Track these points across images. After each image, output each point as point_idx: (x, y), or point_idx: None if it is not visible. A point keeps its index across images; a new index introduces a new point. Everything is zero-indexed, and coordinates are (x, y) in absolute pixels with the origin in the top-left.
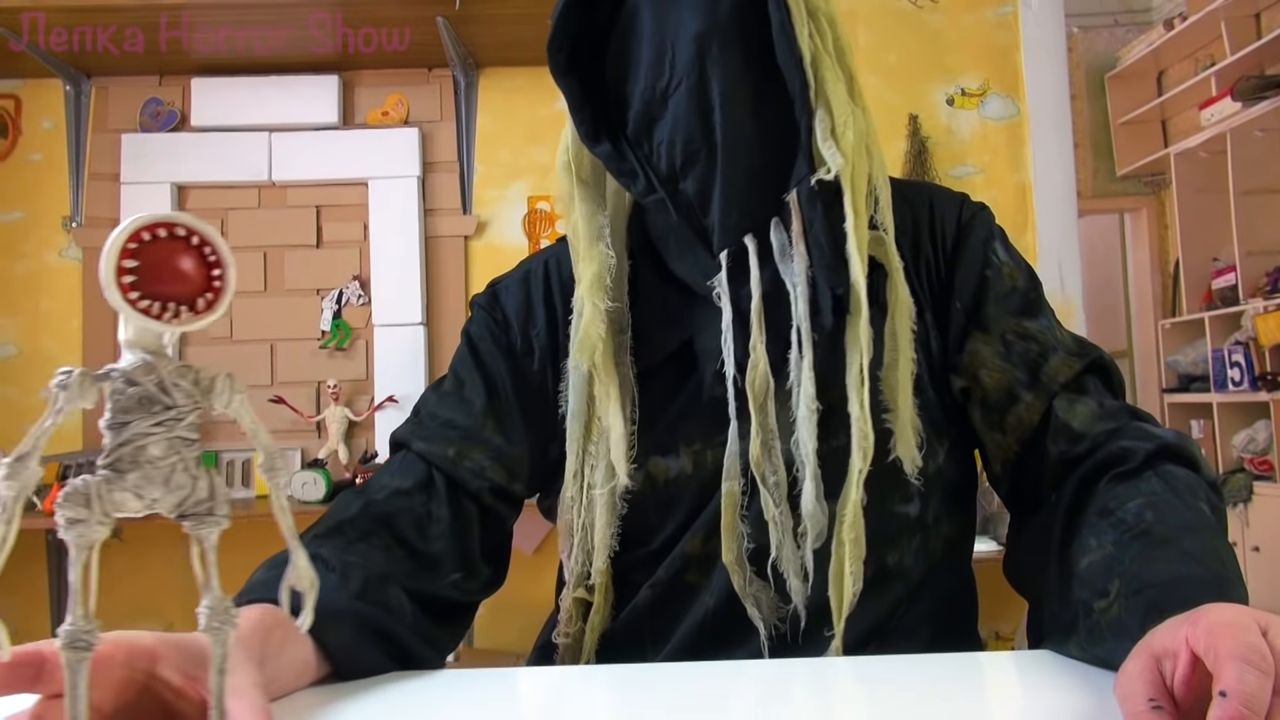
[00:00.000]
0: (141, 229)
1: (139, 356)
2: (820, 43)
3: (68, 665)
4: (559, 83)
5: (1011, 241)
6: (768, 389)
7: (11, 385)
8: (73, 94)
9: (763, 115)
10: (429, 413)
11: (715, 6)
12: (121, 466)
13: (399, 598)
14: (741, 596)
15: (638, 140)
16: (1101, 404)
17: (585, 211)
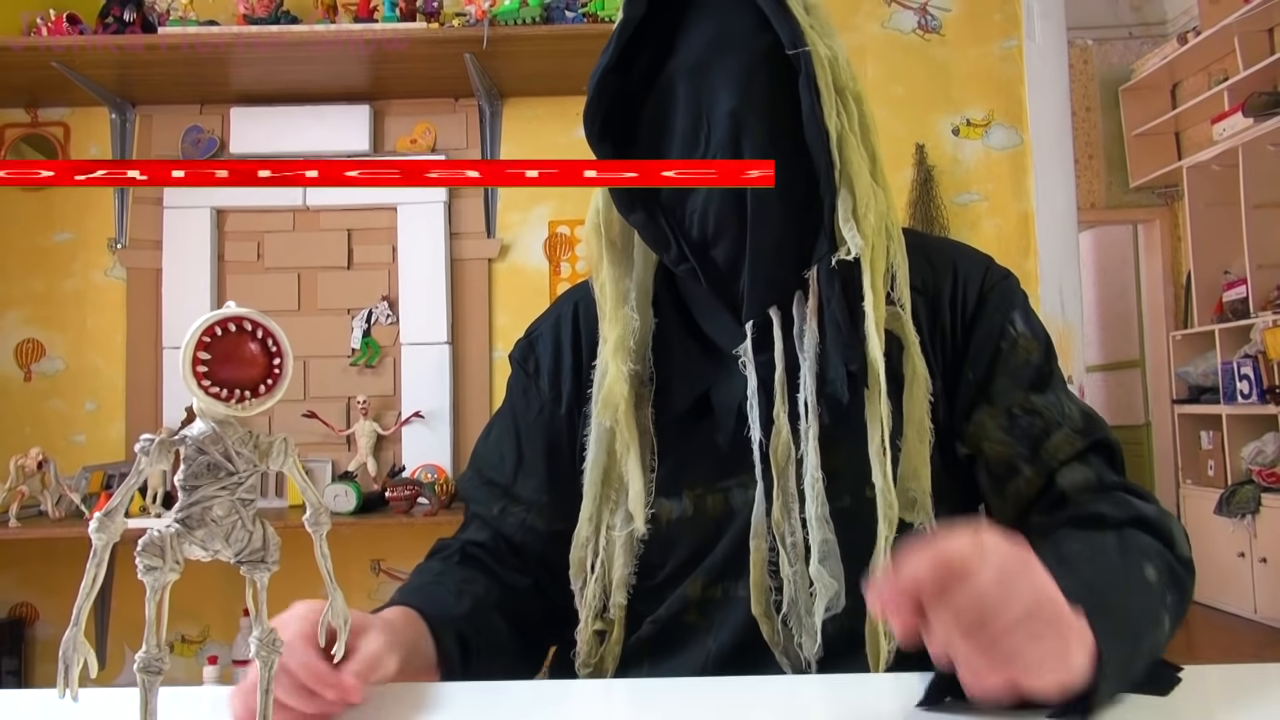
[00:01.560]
0: (215, 323)
1: (209, 425)
2: (846, 122)
3: (141, 685)
4: (594, 148)
5: (1019, 265)
6: (789, 456)
7: (59, 398)
8: (118, 122)
9: (790, 191)
10: (477, 469)
11: (749, 84)
12: (191, 523)
13: (496, 622)
14: (772, 645)
15: (671, 206)
16: (1100, 478)
17: (613, 275)
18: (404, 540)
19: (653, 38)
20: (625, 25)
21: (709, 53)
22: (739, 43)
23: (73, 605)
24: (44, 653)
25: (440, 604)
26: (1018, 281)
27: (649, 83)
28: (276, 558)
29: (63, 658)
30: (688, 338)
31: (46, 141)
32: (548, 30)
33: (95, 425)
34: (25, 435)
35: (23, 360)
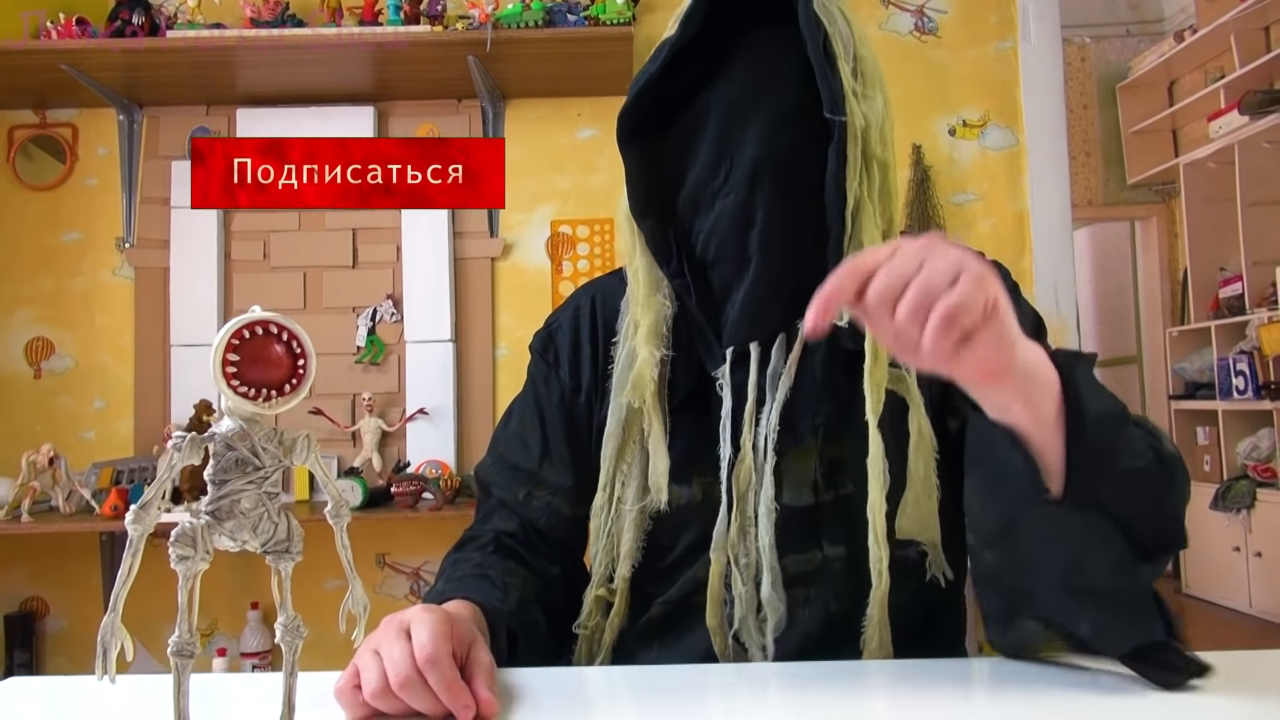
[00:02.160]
0: (243, 327)
1: (236, 423)
2: (866, 190)
3: (175, 669)
4: (622, 149)
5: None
6: (749, 482)
7: (69, 395)
8: (126, 123)
9: (797, 241)
10: (500, 454)
11: (775, 138)
12: (220, 515)
13: (537, 615)
14: (720, 657)
15: (681, 215)
16: None
17: (646, 263)
18: (409, 535)
19: (700, 55)
20: (678, 41)
21: (748, 94)
22: (778, 92)
23: (83, 599)
24: (54, 645)
25: (490, 597)
26: (1008, 272)
27: (688, 96)
28: (300, 548)
29: (101, 642)
30: (694, 332)
31: (55, 142)
32: (550, 33)
33: (104, 422)
34: (36, 432)
35: (33, 358)
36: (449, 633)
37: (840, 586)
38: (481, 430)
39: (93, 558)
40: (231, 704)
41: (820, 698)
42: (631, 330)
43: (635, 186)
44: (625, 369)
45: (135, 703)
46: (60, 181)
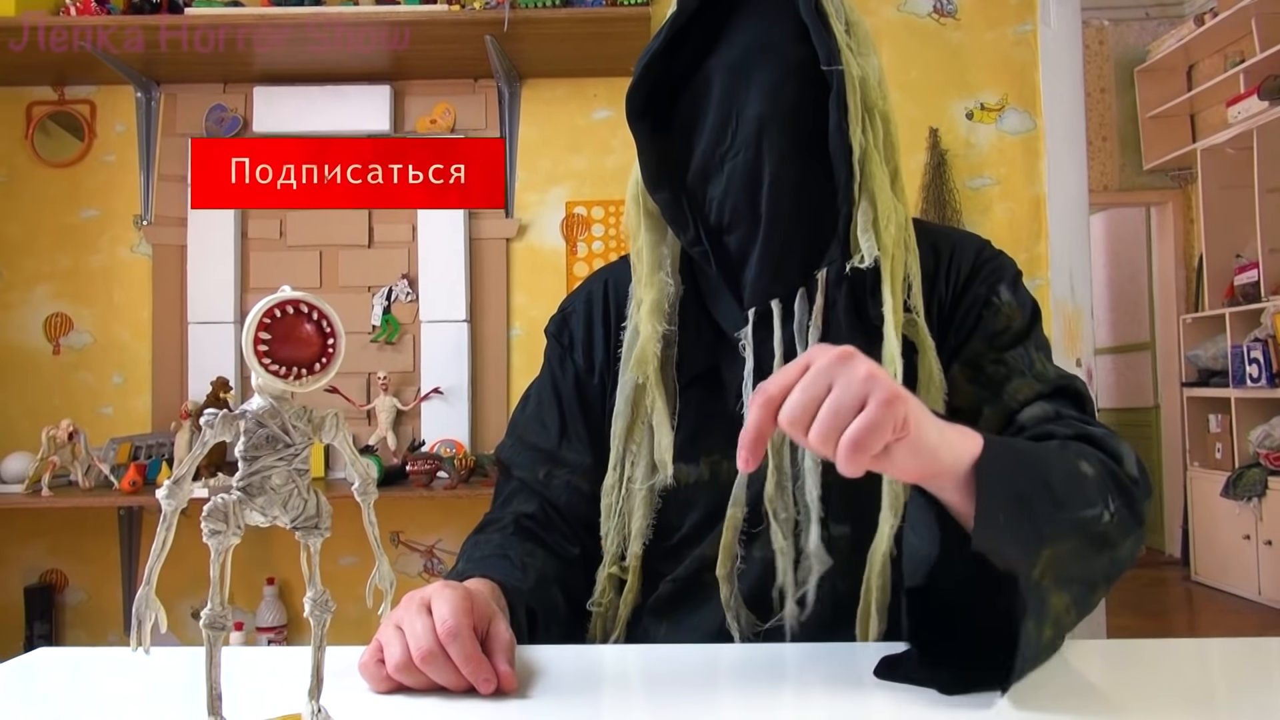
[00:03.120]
0: (274, 306)
1: (267, 401)
2: (871, 139)
3: (207, 641)
4: (631, 126)
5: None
6: (783, 437)
7: (88, 371)
8: (143, 100)
9: (806, 194)
10: (519, 436)
11: (779, 92)
12: (251, 491)
13: (556, 595)
14: (725, 608)
15: (693, 189)
16: (1058, 412)
17: (650, 240)
18: (423, 513)
19: (700, 30)
20: (678, 16)
21: (748, 56)
22: (777, 51)
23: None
24: (73, 617)
25: (509, 576)
26: (1013, 262)
27: (690, 73)
28: (329, 524)
29: (136, 614)
30: (701, 313)
31: (73, 119)
32: (567, 13)
33: (122, 398)
34: (55, 407)
35: (51, 334)
36: (469, 608)
37: (845, 566)
38: (495, 410)
39: (111, 531)
40: (253, 677)
41: (833, 678)
42: (635, 308)
43: (647, 161)
44: (630, 347)
45: (161, 673)
46: (79, 158)
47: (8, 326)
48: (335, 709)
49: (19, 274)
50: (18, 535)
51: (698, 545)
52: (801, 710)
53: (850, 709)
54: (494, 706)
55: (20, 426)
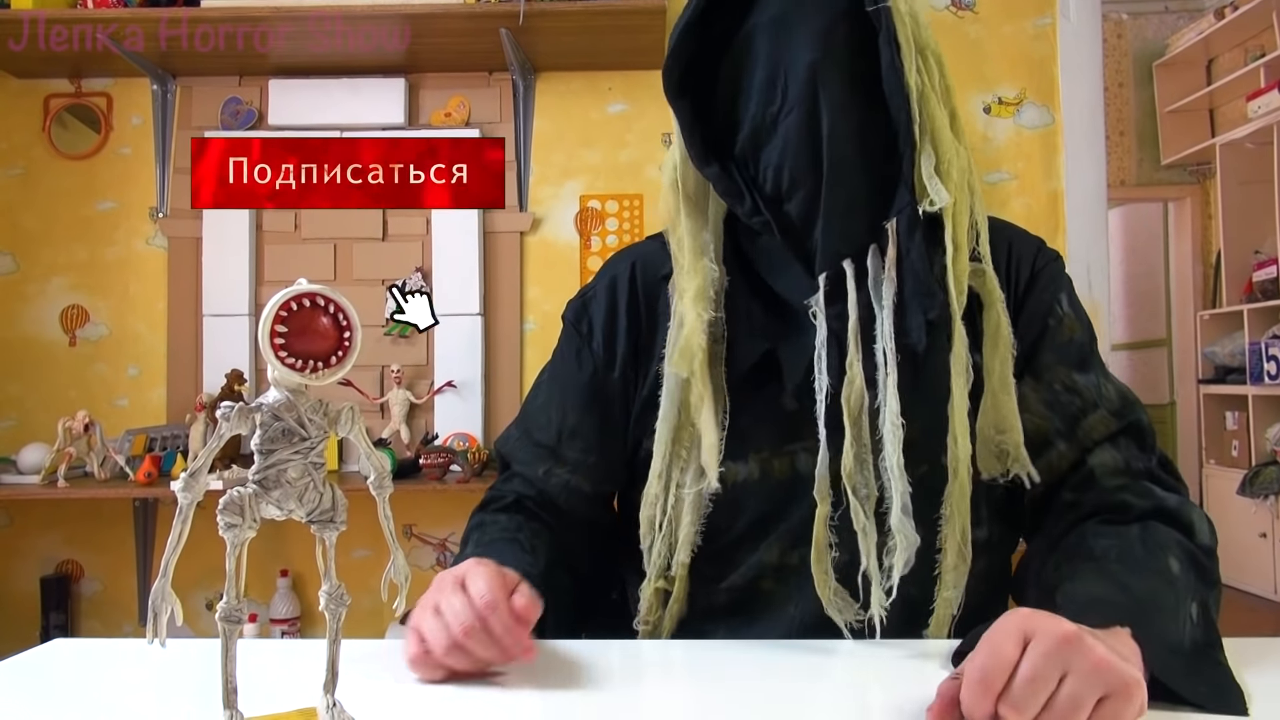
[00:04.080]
0: (291, 299)
1: (283, 394)
2: (927, 79)
3: (223, 634)
4: (672, 104)
5: (1052, 245)
6: (862, 405)
7: (103, 363)
8: (159, 93)
9: (867, 145)
10: (525, 429)
11: (829, 37)
12: (267, 484)
13: (564, 578)
14: (826, 605)
15: (744, 161)
16: (1128, 462)
17: (691, 228)
18: (436, 506)
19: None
20: None
21: (789, 6)
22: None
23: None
24: (89, 608)
25: (522, 562)
26: (1064, 265)
27: (727, 42)
28: (344, 518)
29: (152, 607)
30: (752, 298)
31: (90, 112)
32: (582, 6)
33: (137, 390)
34: (70, 399)
35: (67, 325)
36: (503, 582)
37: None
38: (509, 404)
39: (126, 523)
40: (267, 669)
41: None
42: (678, 298)
43: (693, 136)
44: (674, 341)
45: (176, 665)
46: (95, 151)
47: (25, 318)
48: (350, 702)
49: (36, 265)
50: (34, 526)
51: (753, 550)
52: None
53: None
54: (507, 696)
55: (36, 418)
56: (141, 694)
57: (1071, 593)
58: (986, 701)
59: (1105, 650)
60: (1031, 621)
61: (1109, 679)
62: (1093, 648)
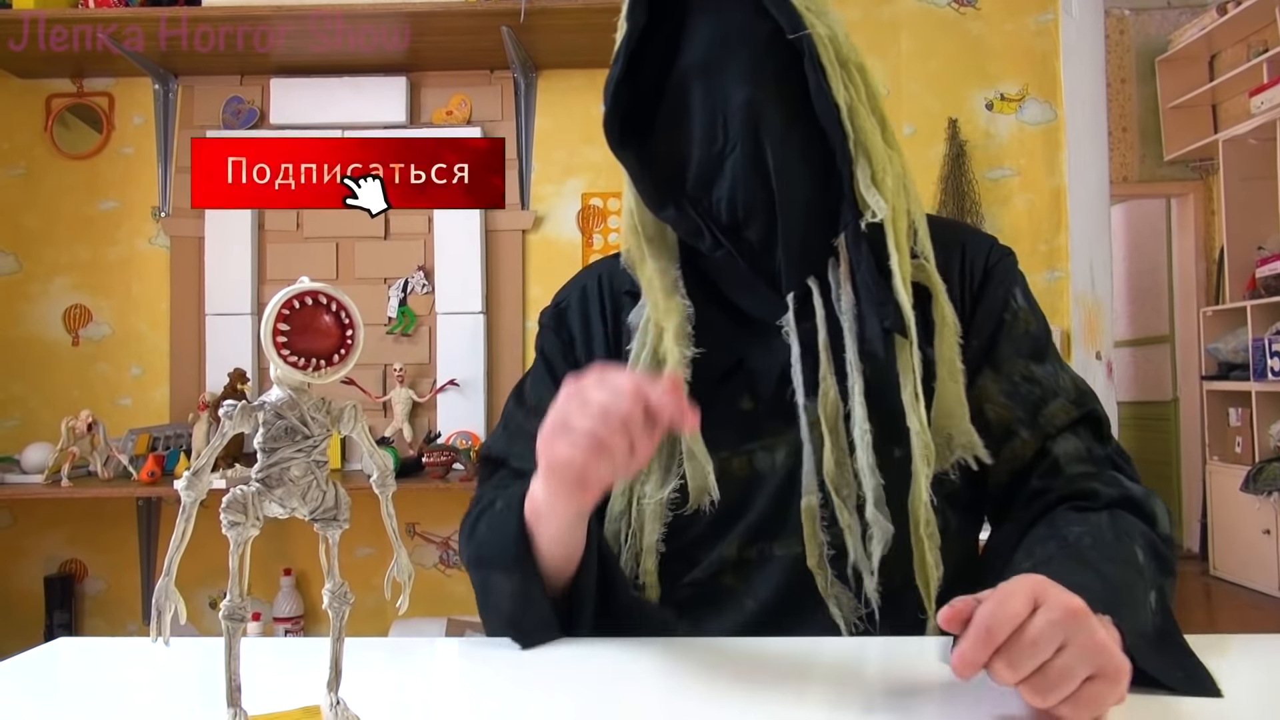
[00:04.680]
0: (293, 297)
1: (286, 393)
2: (854, 93)
3: (226, 632)
4: (618, 156)
5: (1050, 240)
6: (838, 413)
7: (106, 362)
8: (161, 92)
9: (811, 166)
10: (518, 427)
11: (757, 74)
12: (270, 483)
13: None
14: (825, 597)
15: (697, 197)
16: (1089, 450)
17: (658, 267)
18: (439, 504)
19: (658, 42)
20: (630, 34)
21: (716, 49)
22: (743, 35)
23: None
24: (93, 607)
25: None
26: (1016, 260)
27: (660, 85)
28: (347, 516)
29: (155, 605)
30: (717, 313)
31: (92, 111)
32: (583, 4)
33: (140, 389)
34: (74, 398)
35: (71, 325)
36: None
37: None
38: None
39: (130, 522)
40: (272, 667)
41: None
42: (657, 336)
43: (644, 184)
44: (650, 369)
45: (179, 664)
46: (97, 150)
47: (28, 318)
48: (353, 700)
49: (39, 265)
50: (38, 525)
51: (713, 548)
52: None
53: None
54: (508, 696)
55: (40, 417)
56: (146, 693)
57: (1054, 578)
58: (985, 650)
59: (1105, 633)
60: (1043, 587)
61: (1102, 660)
62: (1095, 628)
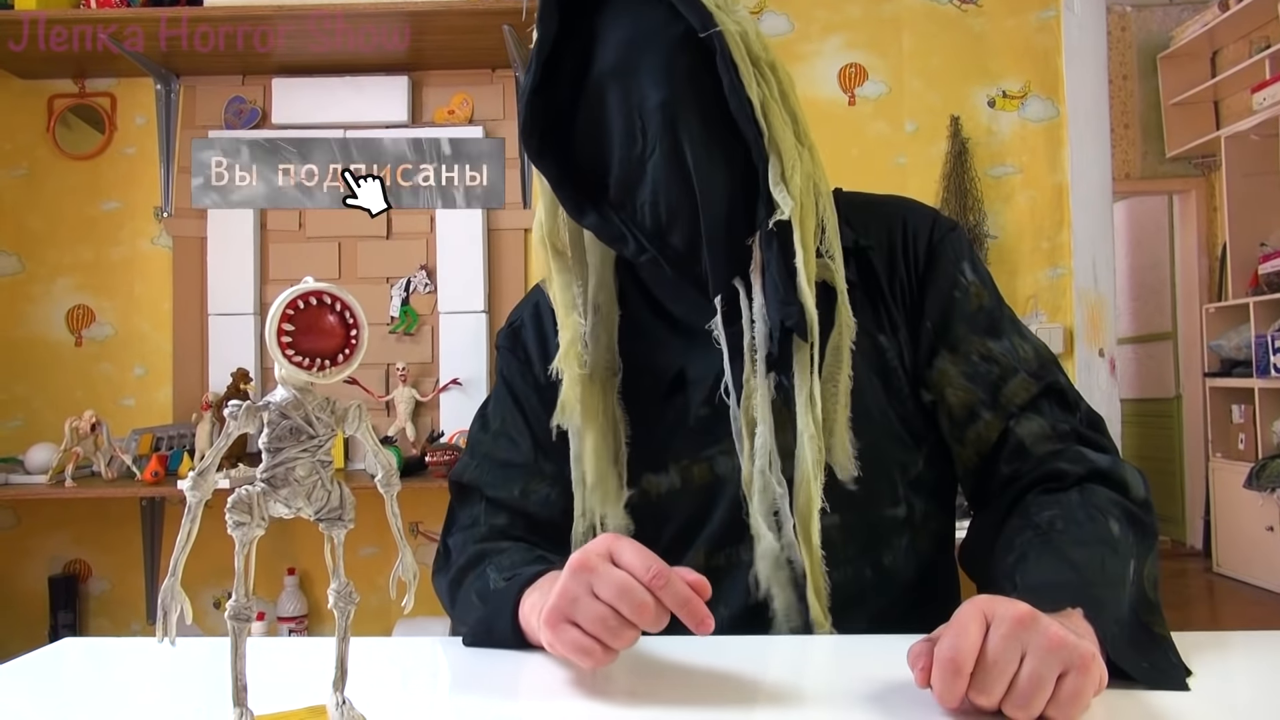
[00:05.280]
0: (298, 297)
1: (290, 393)
2: (767, 90)
3: (232, 632)
4: (536, 165)
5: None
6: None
7: (109, 362)
8: (163, 93)
9: (731, 165)
10: (485, 454)
11: (671, 75)
12: (275, 483)
13: None
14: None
15: (620, 203)
16: (1054, 426)
17: (561, 282)
18: (443, 504)
19: (571, 49)
20: (542, 44)
21: (629, 52)
22: (655, 37)
23: (124, 562)
24: (97, 607)
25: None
26: (964, 231)
27: (576, 93)
28: (352, 515)
29: (161, 605)
30: (656, 321)
31: (94, 112)
32: None
33: (143, 389)
34: (77, 399)
35: (74, 326)
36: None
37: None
38: None
39: (133, 522)
40: (276, 667)
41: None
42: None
43: (564, 190)
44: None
45: (184, 663)
46: (99, 151)
47: (31, 319)
48: (358, 700)
49: (41, 266)
50: (42, 525)
51: (680, 557)
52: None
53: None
54: (515, 698)
55: (43, 418)
56: (152, 692)
57: (1025, 577)
58: (959, 683)
59: (1060, 629)
60: (990, 605)
61: (1066, 655)
62: (1048, 626)
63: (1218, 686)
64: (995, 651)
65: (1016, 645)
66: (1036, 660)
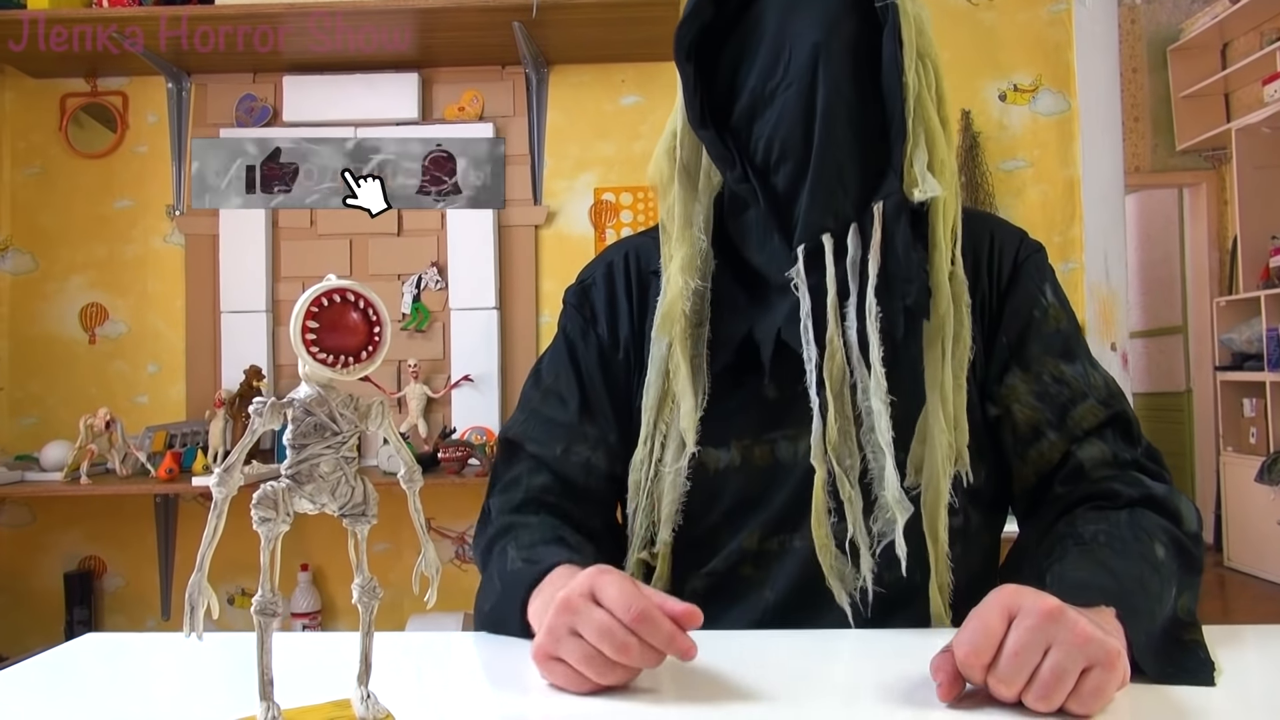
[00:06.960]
0: (321, 295)
1: (314, 389)
2: (924, 82)
3: (259, 626)
4: (680, 66)
5: (1064, 232)
6: (844, 378)
7: (123, 360)
8: (174, 91)
9: (858, 128)
10: (533, 409)
11: (836, 23)
12: (300, 479)
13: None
14: (828, 573)
15: (738, 130)
16: (1115, 455)
17: (682, 197)
18: (455, 500)
19: None
20: None
21: None
22: None
23: (139, 558)
24: (112, 603)
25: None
26: (1047, 255)
27: (738, 15)
28: (375, 511)
29: (189, 600)
30: (735, 285)
31: (106, 110)
32: None
33: (157, 387)
34: (91, 396)
35: (87, 324)
36: (635, 586)
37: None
38: None
39: (148, 518)
40: (295, 661)
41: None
42: (666, 265)
43: (694, 100)
44: (661, 305)
45: (205, 658)
46: (111, 149)
47: (45, 316)
48: (383, 694)
49: (55, 264)
50: (57, 522)
51: (733, 537)
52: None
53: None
54: (527, 689)
55: (58, 415)
56: (173, 687)
57: (1060, 575)
58: (976, 673)
59: (1088, 624)
60: (1016, 597)
61: (1092, 650)
62: (1076, 620)
63: (1230, 680)
64: (1019, 642)
65: (1042, 638)
66: (1061, 654)
